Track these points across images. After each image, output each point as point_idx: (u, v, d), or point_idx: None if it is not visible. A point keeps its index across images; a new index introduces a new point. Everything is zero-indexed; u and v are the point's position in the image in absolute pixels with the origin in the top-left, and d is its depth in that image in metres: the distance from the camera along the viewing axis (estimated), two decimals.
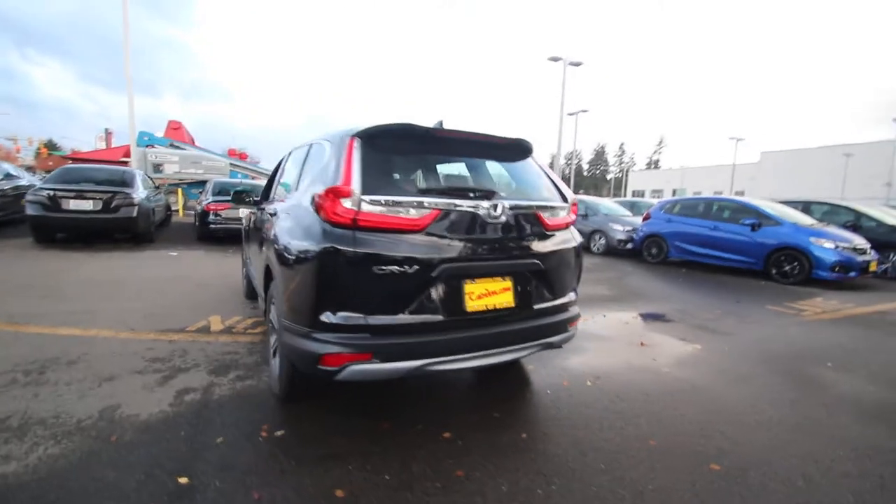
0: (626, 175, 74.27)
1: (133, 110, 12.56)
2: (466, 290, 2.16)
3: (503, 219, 2.22)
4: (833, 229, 7.79)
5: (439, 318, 2.10)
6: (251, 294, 4.80)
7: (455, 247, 2.12)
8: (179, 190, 14.49)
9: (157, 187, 10.49)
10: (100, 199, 7.40)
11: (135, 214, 7.63)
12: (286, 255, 2.22)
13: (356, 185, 2.00)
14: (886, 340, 4.38)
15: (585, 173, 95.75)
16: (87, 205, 7.32)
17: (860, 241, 7.46)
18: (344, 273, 1.98)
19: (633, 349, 3.83)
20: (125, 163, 16.12)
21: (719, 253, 8.33)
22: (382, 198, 2.02)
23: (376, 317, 2.02)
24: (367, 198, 1.99)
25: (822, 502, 1.89)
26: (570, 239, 2.57)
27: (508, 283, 2.30)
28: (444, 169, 2.52)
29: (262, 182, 12.19)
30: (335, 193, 2.00)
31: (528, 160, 2.64)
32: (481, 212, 2.17)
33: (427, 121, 2.30)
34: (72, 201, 7.23)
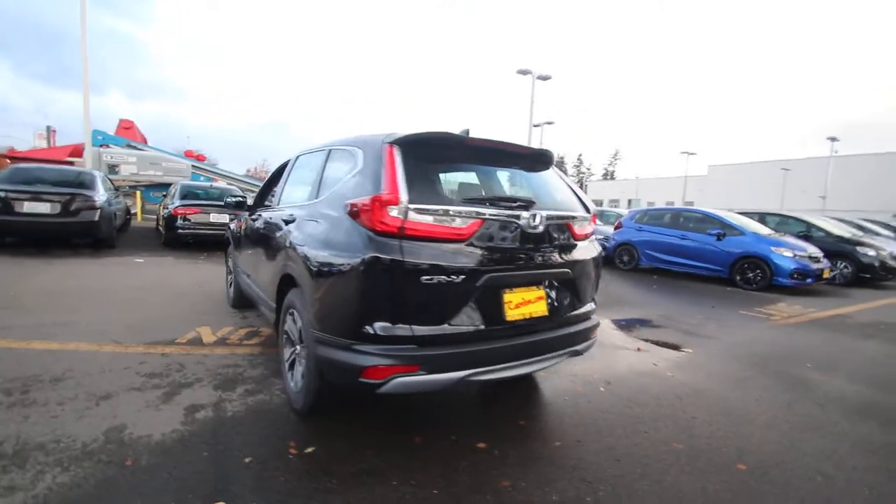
0: (585, 185, 76.89)
1: (88, 107, 11.75)
2: (506, 299, 2.17)
3: (540, 228, 2.25)
4: (790, 239, 8.38)
5: (482, 327, 2.09)
6: (239, 303, 4.59)
7: (497, 256, 2.12)
8: (138, 192, 13.64)
9: (116, 189, 9.85)
10: (58, 201, 6.86)
11: (97, 218, 7.12)
12: (320, 264, 2.14)
13: (403, 193, 1.96)
14: (852, 342, 4.75)
15: None
16: (43, 207, 6.76)
17: (814, 250, 8.08)
18: (390, 283, 1.93)
19: (632, 354, 3.95)
20: (71, 163, 15.03)
21: (688, 261, 8.77)
22: (429, 206, 1.99)
23: (422, 327, 1.98)
24: (413, 207, 1.96)
25: (843, 495, 2.02)
26: (592, 249, 2.63)
27: (542, 293, 2.32)
28: (478, 178, 2.52)
29: (226, 186, 11.75)
30: (382, 202, 1.95)
31: (550, 170, 2.69)
32: (522, 221, 2.19)
33: (418, 125, 2.29)
34: (26, 203, 6.65)
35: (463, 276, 2.02)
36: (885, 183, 36.91)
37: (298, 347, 2.53)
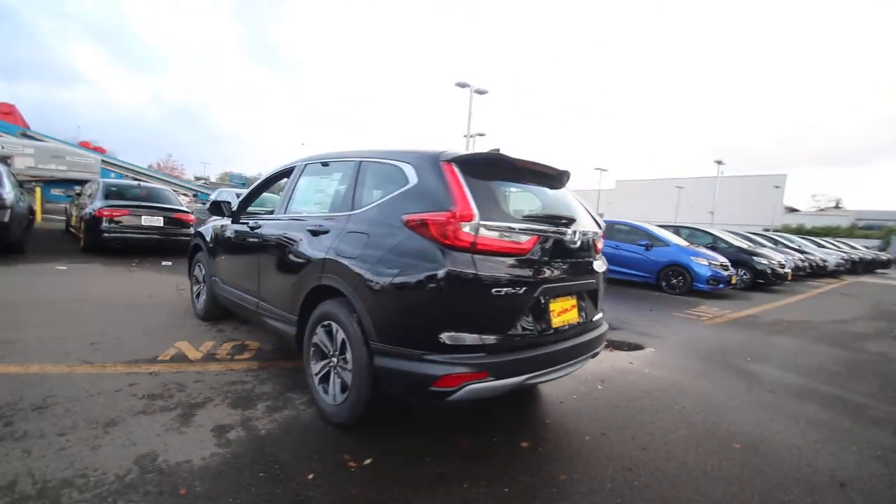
0: None
1: None
2: (552, 308, 2.36)
3: (578, 243, 2.48)
4: (704, 250, 9.64)
5: (536, 334, 2.26)
6: (212, 315, 4.29)
7: (547, 269, 2.31)
8: (38, 189, 11.74)
9: (21, 185, 8.48)
10: None
11: (7, 219, 6.14)
12: (383, 277, 2.16)
13: (476, 209, 2.08)
14: (769, 338, 5.64)
15: None
16: None
17: (723, 260, 9.37)
18: (464, 295, 2.03)
19: (608, 355, 4.35)
20: None
21: (623, 269, 9.68)
22: (496, 223, 2.12)
23: (490, 336, 2.10)
24: (485, 223, 2.08)
25: (819, 459, 2.49)
26: (603, 263, 2.93)
27: (574, 302, 2.55)
28: (521, 196, 2.68)
29: (157, 186, 10.65)
30: (457, 217, 2.04)
31: (565, 188, 2.95)
32: (566, 237, 2.40)
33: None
34: None
35: (524, 288, 2.18)
36: (758, 201, 43.40)
37: (335, 360, 2.50)
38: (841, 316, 7.63)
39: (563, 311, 2.44)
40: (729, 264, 9.39)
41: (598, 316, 2.87)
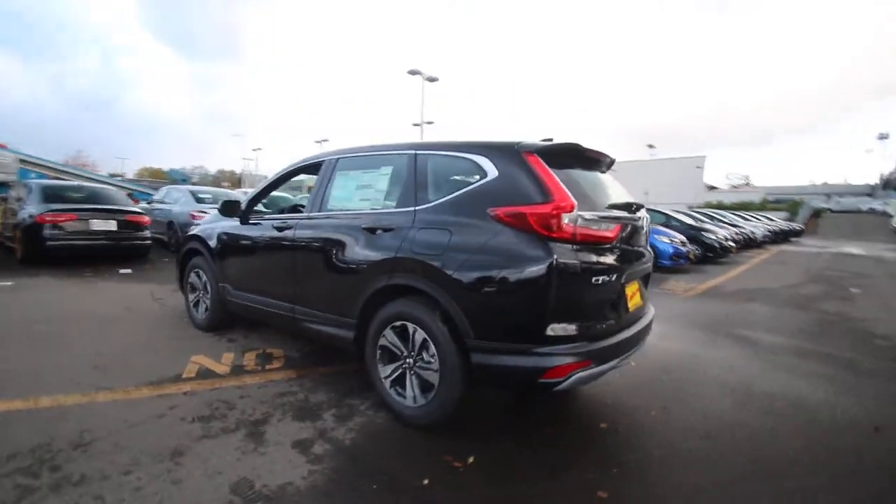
0: None
1: None
2: (627, 293, 2.43)
3: (645, 229, 2.56)
4: (664, 228, 10.31)
5: (619, 319, 2.32)
6: (217, 325, 3.97)
7: (626, 255, 2.36)
8: None
9: None
10: None
11: None
12: (480, 273, 2.10)
13: (574, 200, 2.07)
14: (744, 306, 6.17)
15: None
16: None
17: (681, 237, 10.08)
18: (570, 286, 2.04)
19: None
20: None
21: None
22: (590, 213, 2.14)
23: (589, 324, 2.13)
24: (583, 214, 2.08)
25: (849, 409, 2.79)
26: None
27: (637, 286, 2.64)
28: (591, 184, 2.67)
29: (98, 185, 9.55)
30: (559, 209, 2.03)
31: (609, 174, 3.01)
32: (639, 223, 2.47)
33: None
34: None
35: (615, 275, 2.23)
36: (682, 181, 46.97)
37: (411, 360, 2.42)
38: (788, 282, 8.52)
39: (632, 296, 2.52)
40: (686, 241, 10.13)
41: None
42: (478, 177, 2.32)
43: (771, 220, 22.41)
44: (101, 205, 7.32)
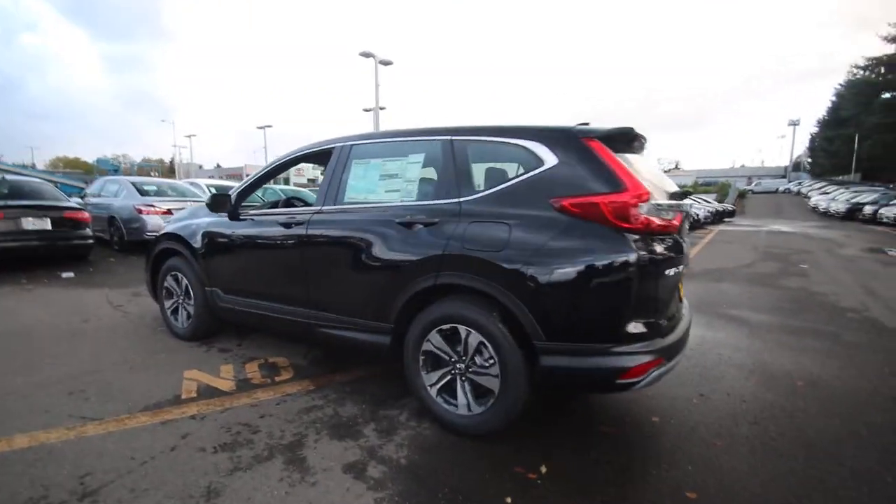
0: None
1: None
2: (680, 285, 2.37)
3: (689, 217, 2.51)
4: None
5: (677, 313, 2.27)
6: (203, 333, 3.56)
7: (681, 246, 2.29)
8: None
9: None
10: None
11: None
12: (558, 271, 1.93)
13: (649, 189, 1.96)
14: (718, 286, 6.46)
15: None
16: None
17: None
18: (649, 280, 1.94)
19: None
20: None
21: None
22: (660, 202, 2.03)
23: (661, 319, 2.04)
24: (655, 202, 1.97)
25: (860, 382, 2.95)
26: None
27: (680, 277, 2.60)
28: (644, 169, 2.54)
29: (22, 177, 8.30)
30: (636, 198, 1.90)
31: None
32: (692, 210, 2.40)
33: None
34: None
35: (680, 266, 2.15)
36: None
37: (463, 366, 2.23)
38: (743, 261, 9.10)
39: (681, 288, 2.48)
40: None
41: None
42: (533, 165, 2.15)
43: (708, 202, 23.99)
44: (33, 200, 6.38)
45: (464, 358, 2.22)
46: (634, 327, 1.93)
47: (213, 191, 11.12)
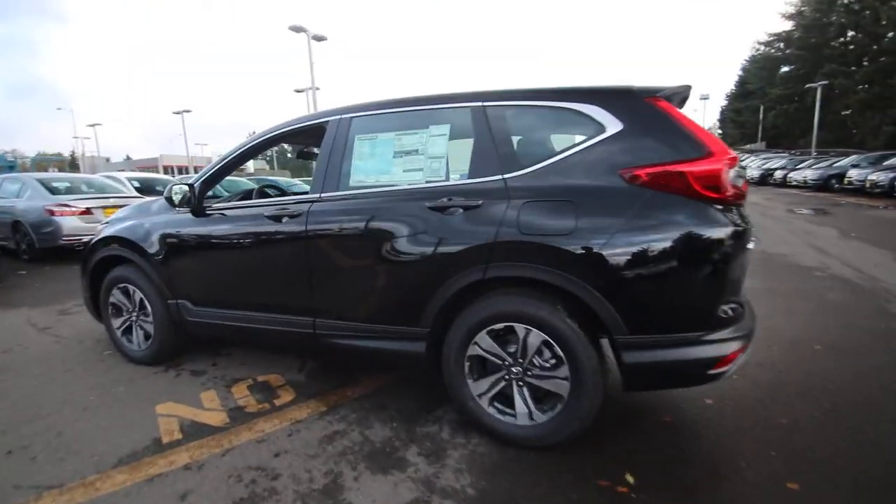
0: None
1: None
2: None
3: None
4: None
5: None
6: (167, 354, 2.98)
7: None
8: None
9: None
10: None
11: None
12: (645, 253, 1.66)
13: (733, 151, 1.72)
14: None
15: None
16: None
17: None
18: (738, 256, 1.73)
19: None
20: None
21: None
22: (742, 169, 1.81)
23: (742, 300, 1.86)
24: (736, 169, 1.75)
25: (873, 349, 3.02)
26: None
27: None
28: None
29: None
30: (726, 163, 1.67)
31: None
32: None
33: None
34: None
35: (753, 238, 1.97)
36: None
37: (517, 370, 1.93)
38: None
39: None
40: None
41: None
42: (592, 131, 1.85)
43: None
44: None
45: (521, 361, 1.92)
46: (725, 311, 1.73)
47: (136, 184, 9.99)
